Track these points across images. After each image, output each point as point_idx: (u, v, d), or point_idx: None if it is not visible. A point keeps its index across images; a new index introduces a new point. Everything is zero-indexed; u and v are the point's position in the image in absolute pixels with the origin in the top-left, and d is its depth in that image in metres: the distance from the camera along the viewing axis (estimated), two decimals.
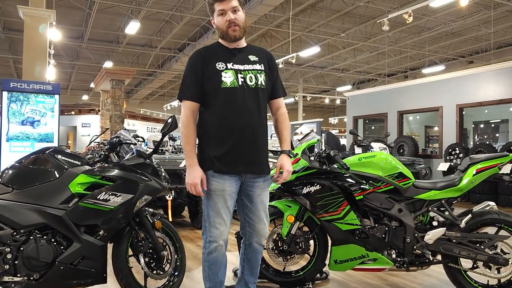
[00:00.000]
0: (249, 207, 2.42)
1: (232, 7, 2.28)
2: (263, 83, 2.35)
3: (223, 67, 2.30)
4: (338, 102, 26.73)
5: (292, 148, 2.85)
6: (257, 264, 2.55)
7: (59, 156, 2.55)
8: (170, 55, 21.40)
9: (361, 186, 2.95)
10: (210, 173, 2.30)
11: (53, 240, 2.40)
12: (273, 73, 2.45)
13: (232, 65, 2.31)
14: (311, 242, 3.17)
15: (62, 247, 2.40)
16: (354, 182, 2.96)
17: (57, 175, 2.47)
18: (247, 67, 2.34)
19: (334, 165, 3.01)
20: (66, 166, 2.51)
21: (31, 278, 2.32)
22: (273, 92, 2.47)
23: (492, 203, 2.97)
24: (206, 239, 2.36)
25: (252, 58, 2.38)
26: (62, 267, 2.36)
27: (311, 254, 3.19)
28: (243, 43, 2.41)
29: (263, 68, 2.38)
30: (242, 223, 2.50)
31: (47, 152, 2.57)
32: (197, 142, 2.38)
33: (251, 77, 2.32)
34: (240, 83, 2.29)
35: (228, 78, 2.28)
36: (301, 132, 16.84)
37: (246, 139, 2.31)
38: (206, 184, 2.29)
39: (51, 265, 2.36)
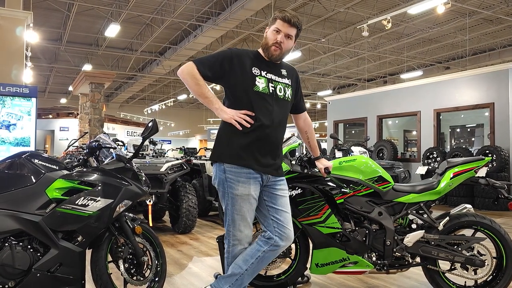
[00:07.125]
0: (275, 208, 2.46)
1: (287, 34, 2.42)
2: (290, 96, 2.53)
3: (257, 73, 2.41)
4: (319, 106, 27.00)
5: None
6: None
7: (36, 161, 2.49)
8: (151, 59, 21.24)
9: (342, 189, 2.97)
10: (235, 179, 2.34)
11: (29, 246, 2.33)
12: (299, 89, 2.67)
13: (266, 74, 2.43)
14: (293, 245, 3.17)
15: (38, 254, 2.34)
16: (335, 185, 2.98)
17: (34, 180, 2.41)
18: (278, 79, 2.48)
19: (315, 169, 3.03)
20: (43, 171, 2.45)
21: (6, 286, 2.26)
22: (300, 107, 2.71)
23: (468, 206, 3.04)
24: (229, 243, 2.40)
25: (283, 72, 2.53)
26: (38, 275, 2.30)
27: (292, 257, 3.20)
28: (278, 61, 2.53)
29: (290, 83, 2.55)
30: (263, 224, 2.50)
31: (23, 156, 2.50)
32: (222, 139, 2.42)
33: (280, 88, 2.47)
34: (270, 91, 2.42)
35: (261, 84, 2.39)
36: None
37: (271, 144, 2.42)
38: (232, 190, 2.35)
39: (27, 273, 2.29)
